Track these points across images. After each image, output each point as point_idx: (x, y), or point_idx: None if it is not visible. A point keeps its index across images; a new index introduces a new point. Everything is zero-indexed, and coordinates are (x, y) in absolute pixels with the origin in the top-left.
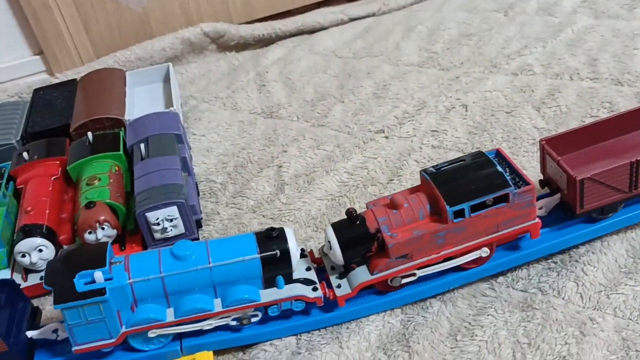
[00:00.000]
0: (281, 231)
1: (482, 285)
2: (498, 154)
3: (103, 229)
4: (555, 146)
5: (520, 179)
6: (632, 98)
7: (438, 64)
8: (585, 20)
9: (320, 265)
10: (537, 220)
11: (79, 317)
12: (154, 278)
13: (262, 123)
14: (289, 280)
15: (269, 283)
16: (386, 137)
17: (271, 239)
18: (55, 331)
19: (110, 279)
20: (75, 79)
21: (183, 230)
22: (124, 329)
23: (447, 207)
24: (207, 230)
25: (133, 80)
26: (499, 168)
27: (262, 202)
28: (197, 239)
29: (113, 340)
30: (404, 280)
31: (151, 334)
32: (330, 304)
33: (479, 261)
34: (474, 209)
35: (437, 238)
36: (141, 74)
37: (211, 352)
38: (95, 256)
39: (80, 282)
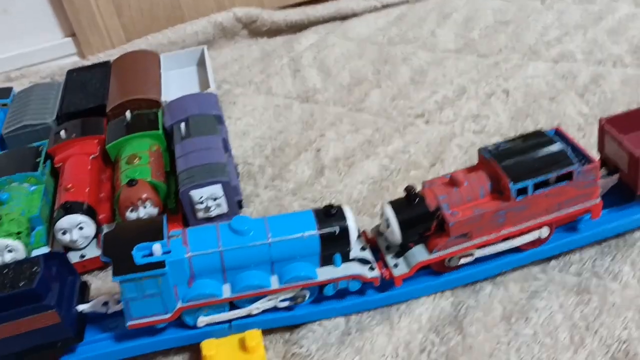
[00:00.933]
0: (339, 209)
1: (534, 269)
2: (558, 132)
3: (145, 207)
4: (615, 126)
5: (583, 157)
6: None
7: (476, 50)
8: (627, 9)
9: (374, 245)
10: (600, 200)
11: (136, 291)
12: (213, 252)
13: (298, 107)
14: (346, 259)
15: (326, 261)
16: (426, 122)
17: (330, 217)
18: (105, 304)
19: (169, 252)
20: (108, 61)
21: (226, 210)
22: (180, 304)
23: (511, 184)
24: (247, 212)
25: (167, 63)
26: (562, 146)
27: (302, 185)
28: None
29: (169, 315)
30: (462, 261)
31: (200, 323)
32: (382, 285)
33: (536, 242)
34: (537, 186)
35: (498, 217)
36: (175, 57)
37: (259, 331)
38: (152, 229)
39: (138, 255)
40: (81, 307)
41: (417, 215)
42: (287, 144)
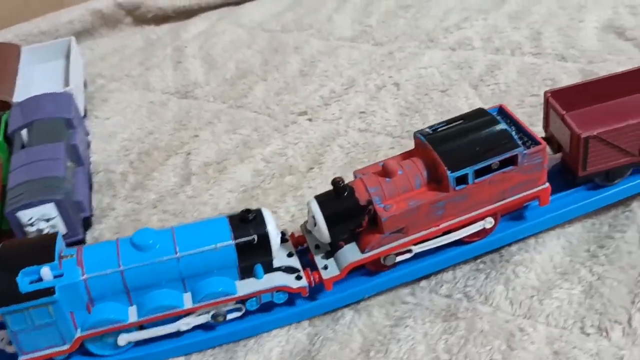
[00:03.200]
0: (258, 213)
1: (403, 291)
2: (501, 110)
3: None
4: (560, 100)
5: (529, 139)
6: (576, 74)
7: (372, 38)
8: None
9: (303, 244)
10: (547, 185)
11: (24, 322)
12: (112, 272)
13: (174, 104)
14: (269, 269)
15: (246, 273)
16: (310, 120)
17: (247, 223)
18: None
19: (61, 275)
20: None
21: (64, 231)
22: (79, 333)
23: (449, 173)
24: (97, 229)
25: (31, 57)
26: (505, 126)
27: (165, 195)
28: (83, 241)
29: (67, 346)
30: (399, 258)
31: (117, 339)
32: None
33: (481, 233)
34: (478, 174)
35: (436, 209)
36: (40, 50)
37: None
38: (43, 249)
39: (24, 281)
40: None
41: (346, 210)
42: (155, 147)
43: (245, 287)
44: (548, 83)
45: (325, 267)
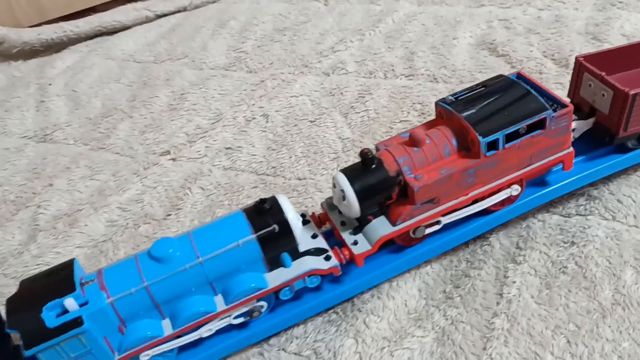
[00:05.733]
0: (274, 201)
1: (252, 350)
2: (520, 76)
3: None
4: (594, 64)
5: (554, 102)
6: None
7: (246, 65)
8: (408, 8)
9: (325, 223)
10: (571, 149)
11: (60, 357)
12: (138, 290)
13: (31, 150)
14: (296, 254)
15: (274, 263)
16: (173, 159)
17: (264, 213)
18: None
19: (86, 303)
20: None
21: None
22: (117, 357)
23: (480, 139)
24: None
25: None
26: (531, 90)
27: (7, 256)
28: None
29: None
30: (428, 230)
31: (144, 357)
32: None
33: (506, 202)
34: (507, 138)
35: (467, 176)
36: None
37: None
38: (62, 280)
39: (50, 316)
40: None
41: (377, 182)
42: (4, 200)
43: (276, 278)
44: (417, 107)
45: (355, 243)
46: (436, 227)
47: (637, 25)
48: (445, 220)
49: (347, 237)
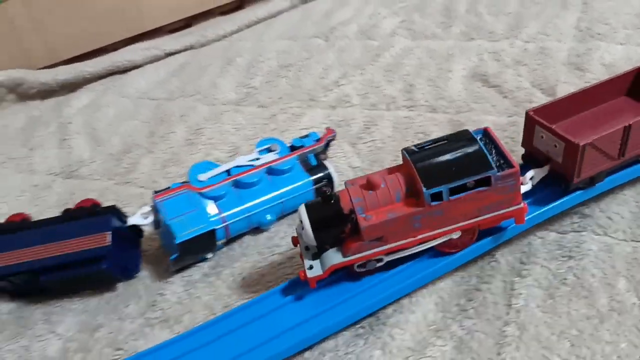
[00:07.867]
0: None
1: None
2: (486, 133)
3: None
4: (543, 117)
5: (505, 161)
6: (446, 125)
7: (256, 100)
8: (403, 42)
9: (297, 245)
10: (522, 204)
11: None
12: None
13: (59, 185)
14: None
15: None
16: None
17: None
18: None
19: None
20: None
21: None
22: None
23: (424, 190)
24: None
25: None
26: (483, 148)
27: None
28: None
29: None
30: (369, 266)
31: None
32: None
33: (459, 245)
34: (453, 191)
35: (413, 222)
36: None
37: None
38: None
39: None
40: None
41: (330, 217)
42: None
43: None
44: (420, 136)
45: (311, 267)
46: (380, 264)
47: (615, 56)
48: (387, 258)
49: (306, 261)
